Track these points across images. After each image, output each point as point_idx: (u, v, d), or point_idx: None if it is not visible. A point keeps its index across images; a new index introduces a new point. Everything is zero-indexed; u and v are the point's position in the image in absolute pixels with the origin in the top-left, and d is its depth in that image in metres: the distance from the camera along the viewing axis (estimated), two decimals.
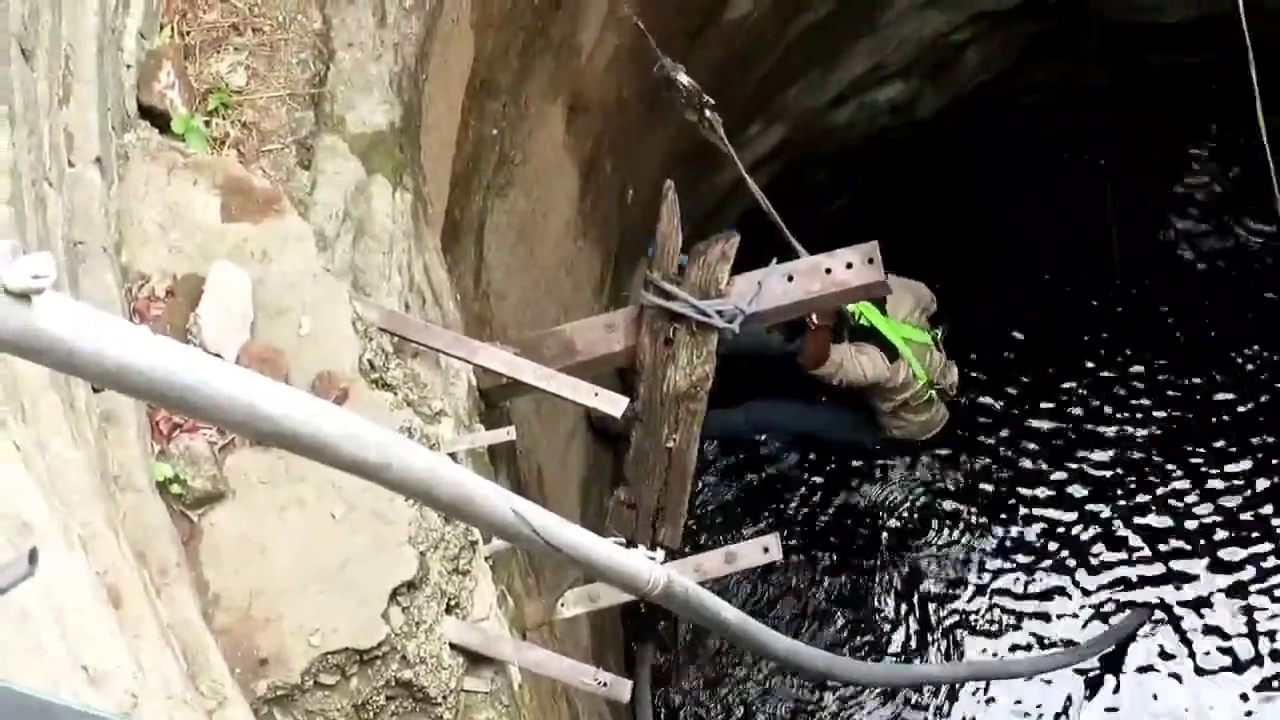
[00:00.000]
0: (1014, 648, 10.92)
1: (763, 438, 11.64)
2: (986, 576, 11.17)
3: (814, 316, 9.64)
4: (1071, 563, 11.17)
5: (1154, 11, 12.27)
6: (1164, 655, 10.80)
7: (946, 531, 11.34)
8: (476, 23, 7.20)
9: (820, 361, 10.26)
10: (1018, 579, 11.16)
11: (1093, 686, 10.69)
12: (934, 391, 10.76)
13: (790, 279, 7.08)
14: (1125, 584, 11.05)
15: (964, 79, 12.69)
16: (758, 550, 6.42)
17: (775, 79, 11.18)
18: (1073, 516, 11.34)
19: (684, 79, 6.99)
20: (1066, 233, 12.31)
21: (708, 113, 7.09)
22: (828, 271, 7.05)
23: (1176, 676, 10.74)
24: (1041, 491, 11.45)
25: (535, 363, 6.10)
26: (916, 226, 11.55)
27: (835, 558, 11.32)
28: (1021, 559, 11.22)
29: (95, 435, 4.12)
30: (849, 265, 7.04)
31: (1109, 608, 10.96)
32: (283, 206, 5.13)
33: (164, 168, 5.04)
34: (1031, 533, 11.30)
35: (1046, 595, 11.08)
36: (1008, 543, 11.29)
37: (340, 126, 5.71)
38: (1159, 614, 10.91)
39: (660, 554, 4.34)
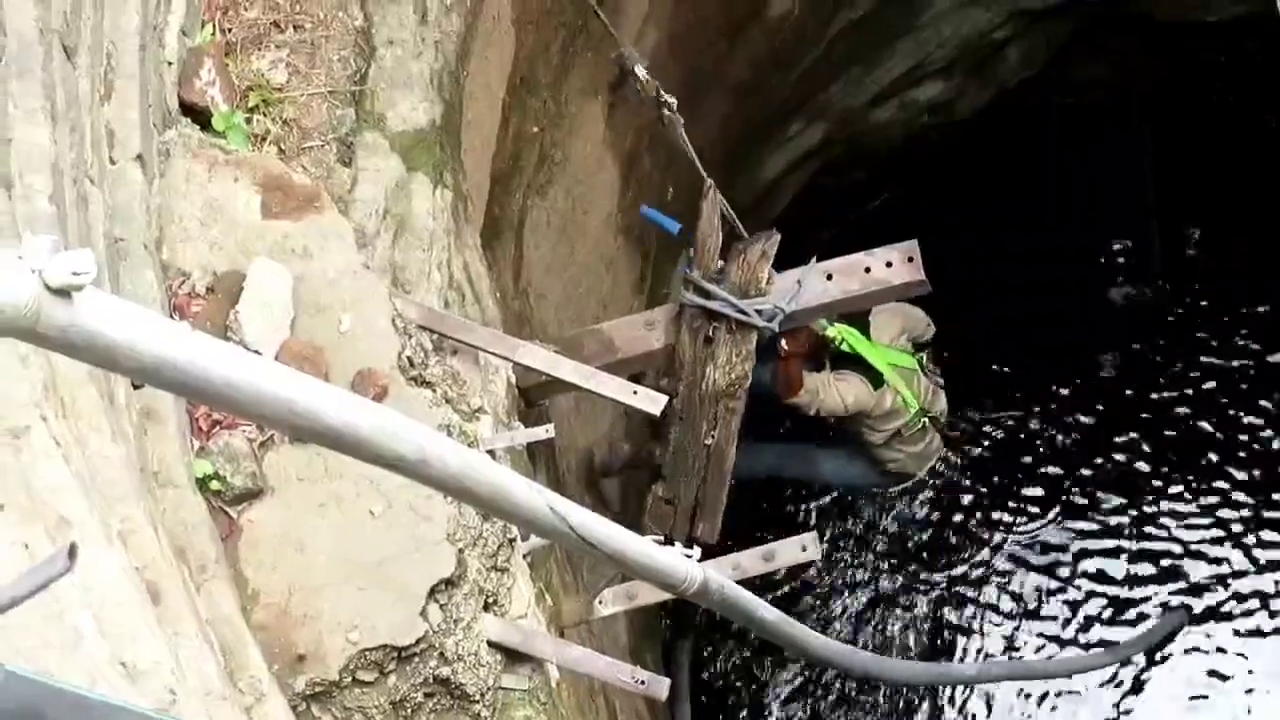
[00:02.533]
0: (1051, 646, 10.90)
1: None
2: (1024, 575, 11.14)
3: (784, 343, 9.37)
4: (1109, 564, 11.14)
5: (1198, 9, 12.21)
6: (1203, 655, 10.76)
7: (979, 528, 11.32)
8: (517, 19, 7.20)
9: (793, 390, 9.87)
10: (1056, 579, 11.12)
11: (1130, 688, 10.65)
12: (926, 419, 10.53)
13: (830, 278, 7.07)
14: (1163, 585, 11.02)
15: (1005, 78, 12.66)
16: (795, 549, 6.40)
17: (816, 77, 11.17)
18: (1106, 514, 11.31)
19: (641, 72, 6.93)
20: (1108, 232, 12.26)
21: (666, 112, 7.04)
22: (867, 270, 7.03)
23: (1217, 677, 10.69)
24: (1075, 490, 11.41)
25: (575, 360, 6.10)
26: (956, 225, 11.52)
27: (871, 558, 11.29)
28: (1057, 557, 11.18)
29: (135, 431, 4.13)
30: (888, 264, 7.02)
31: (1147, 610, 10.93)
32: (323, 204, 5.13)
33: (205, 164, 5.05)
34: (1065, 532, 11.26)
35: (1083, 597, 11.06)
36: (1041, 540, 11.25)
37: (381, 124, 5.71)
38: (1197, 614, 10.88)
39: (696, 551, 4.32)
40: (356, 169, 5.53)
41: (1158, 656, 10.72)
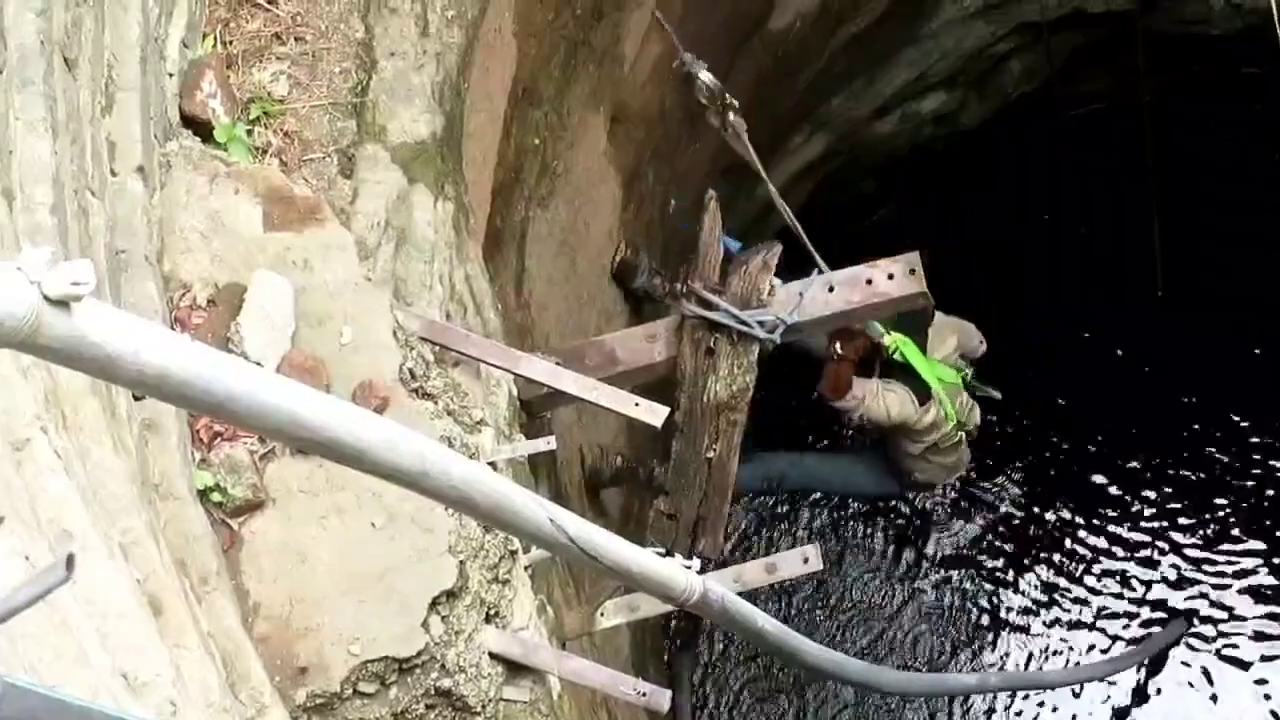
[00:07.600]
0: (1050, 657, 10.92)
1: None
2: (1025, 585, 11.15)
3: (838, 346, 9.36)
4: (1111, 578, 11.15)
5: (1200, 24, 12.21)
6: (1200, 668, 10.77)
7: (981, 542, 11.33)
8: (519, 32, 7.20)
9: (839, 394, 9.77)
10: (1059, 588, 11.13)
11: (1129, 698, 10.65)
12: (962, 433, 10.54)
13: (831, 289, 7.07)
14: (1166, 597, 11.03)
15: (1007, 90, 12.67)
16: (798, 560, 6.39)
17: (819, 89, 11.18)
18: (1110, 531, 11.32)
19: (705, 76, 6.93)
20: (1110, 244, 12.26)
21: (731, 116, 7.03)
22: (869, 282, 7.03)
23: (1212, 688, 10.69)
24: (1077, 504, 11.43)
25: (576, 372, 6.09)
26: (960, 237, 11.53)
27: (869, 566, 11.31)
28: (1063, 569, 11.19)
29: (136, 443, 4.13)
30: (890, 276, 7.03)
31: (1147, 620, 10.95)
32: (324, 215, 5.13)
33: (206, 177, 5.05)
34: (1067, 544, 11.28)
35: (1087, 606, 11.07)
36: (1045, 554, 11.27)
37: (382, 136, 5.71)
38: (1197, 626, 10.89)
39: (696, 563, 4.31)
40: (358, 181, 5.52)
41: (1156, 666, 10.73)
